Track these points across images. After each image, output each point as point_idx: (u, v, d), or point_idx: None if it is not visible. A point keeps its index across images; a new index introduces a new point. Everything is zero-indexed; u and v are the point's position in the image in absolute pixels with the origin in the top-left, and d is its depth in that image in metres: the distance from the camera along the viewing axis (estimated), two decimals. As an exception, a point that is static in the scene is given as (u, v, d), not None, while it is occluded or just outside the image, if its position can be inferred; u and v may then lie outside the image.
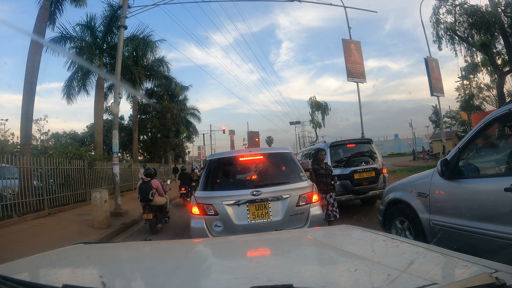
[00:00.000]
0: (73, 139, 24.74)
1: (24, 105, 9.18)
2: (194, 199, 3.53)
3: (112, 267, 1.26)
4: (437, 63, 16.28)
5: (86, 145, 21.85)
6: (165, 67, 21.79)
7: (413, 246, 1.15)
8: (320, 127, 35.92)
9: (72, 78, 16.28)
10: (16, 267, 1.18)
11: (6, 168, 7.69)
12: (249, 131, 48.36)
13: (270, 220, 3.33)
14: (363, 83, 14.21)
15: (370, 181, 6.44)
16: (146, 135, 26.23)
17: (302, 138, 50.18)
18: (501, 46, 16.52)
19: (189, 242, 2.17)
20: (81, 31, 15.06)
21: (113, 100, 10.23)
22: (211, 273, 1.11)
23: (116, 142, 8.84)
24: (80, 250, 1.48)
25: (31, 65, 9.34)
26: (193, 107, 30.50)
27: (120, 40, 9.57)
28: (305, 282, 0.87)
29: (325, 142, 7.16)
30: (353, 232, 1.55)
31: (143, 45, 17.32)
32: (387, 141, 54.39)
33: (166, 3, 10.14)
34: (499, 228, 2.30)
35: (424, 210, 3.09)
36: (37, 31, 9.74)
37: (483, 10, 16.18)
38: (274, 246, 1.52)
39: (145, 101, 23.37)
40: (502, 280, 0.73)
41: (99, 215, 6.71)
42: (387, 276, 0.86)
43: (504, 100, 14.67)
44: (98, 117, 15.36)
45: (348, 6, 13.88)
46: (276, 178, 3.76)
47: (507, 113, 2.42)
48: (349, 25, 13.98)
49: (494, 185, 2.35)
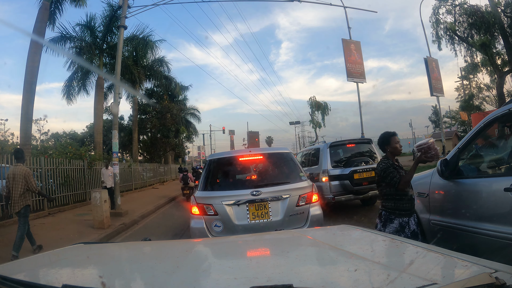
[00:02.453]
0: (73, 139, 24.72)
1: (24, 105, 9.19)
2: (194, 199, 3.53)
3: (112, 267, 1.26)
4: (437, 63, 16.32)
5: (86, 145, 21.86)
6: (165, 67, 21.85)
7: (413, 246, 1.15)
8: (320, 127, 35.98)
9: (72, 78, 16.31)
10: (16, 267, 1.18)
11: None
12: (249, 131, 48.38)
13: (270, 220, 3.33)
14: (363, 83, 14.27)
15: (370, 181, 6.43)
16: (146, 135, 26.24)
17: (302, 138, 50.22)
18: (501, 46, 16.56)
19: (189, 242, 2.17)
20: (81, 31, 15.11)
21: (113, 100, 10.24)
22: (211, 273, 1.11)
23: (116, 142, 8.84)
24: (80, 250, 1.48)
25: (31, 65, 9.35)
26: (193, 107, 30.57)
27: (120, 40, 9.57)
28: (305, 282, 0.87)
29: (325, 142, 7.16)
30: (353, 232, 1.55)
31: (143, 45, 17.34)
32: (387, 141, 54.22)
33: (166, 3, 10.15)
34: (499, 228, 2.30)
35: (423, 210, 3.09)
36: (37, 31, 9.75)
37: (483, 10, 16.22)
38: (274, 246, 1.52)
39: (145, 101, 23.39)
40: (502, 280, 0.73)
41: (98, 215, 6.71)
42: (387, 276, 0.86)
43: (504, 100, 14.68)
44: (98, 117, 15.37)
45: (348, 6, 13.93)
46: (276, 178, 3.76)
47: (507, 113, 2.42)
48: (349, 25, 14.04)
49: (494, 185, 2.36)
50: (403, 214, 2.61)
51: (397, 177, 2.58)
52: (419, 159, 2.57)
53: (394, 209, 2.61)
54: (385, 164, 2.68)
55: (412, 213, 2.68)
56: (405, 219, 2.61)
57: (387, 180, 2.61)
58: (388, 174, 2.62)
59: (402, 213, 2.60)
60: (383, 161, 2.73)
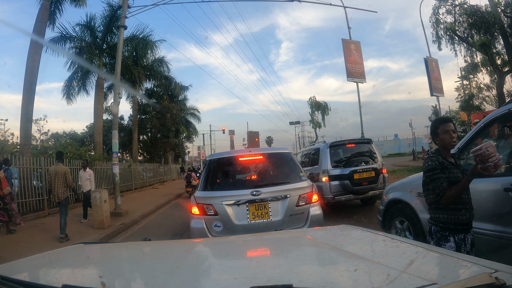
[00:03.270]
0: (72, 139, 24.68)
1: (24, 105, 9.18)
2: (194, 199, 3.53)
3: (112, 267, 1.25)
4: (437, 63, 16.31)
5: (85, 145, 21.82)
6: (165, 67, 21.85)
7: (413, 246, 1.14)
8: (320, 127, 35.91)
9: (72, 78, 16.31)
10: (16, 267, 1.18)
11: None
12: (249, 131, 48.40)
13: (270, 220, 3.33)
14: (363, 83, 14.26)
15: (370, 181, 6.43)
16: (146, 135, 26.24)
17: (302, 138, 50.26)
18: (501, 46, 16.54)
19: (189, 242, 2.17)
20: (81, 31, 15.10)
21: (112, 100, 10.23)
22: (210, 273, 1.11)
23: (116, 142, 8.84)
24: (79, 250, 1.47)
25: (31, 65, 9.35)
26: (193, 107, 30.58)
27: (120, 40, 9.57)
28: (305, 282, 0.87)
29: (325, 142, 7.16)
30: (352, 232, 1.55)
31: (143, 45, 17.34)
32: (387, 141, 54.37)
33: (166, 3, 10.15)
34: (499, 228, 2.30)
35: (424, 210, 3.09)
36: (37, 31, 9.74)
37: (483, 10, 16.22)
38: (274, 246, 1.52)
39: (145, 101, 23.40)
40: (502, 280, 0.73)
41: (98, 215, 6.71)
42: (387, 276, 0.85)
43: (503, 100, 14.68)
44: (97, 117, 15.36)
45: (348, 6, 13.92)
46: (276, 178, 3.76)
47: (507, 113, 2.42)
48: (349, 25, 14.03)
49: (494, 185, 2.36)
50: (459, 229, 1.97)
51: (443, 186, 1.93)
52: (474, 171, 1.83)
53: (448, 223, 1.97)
54: (432, 164, 2.01)
55: (470, 228, 2.02)
56: (461, 236, 1.97)
57: (430, 187, 2.00)
58: (432, 180, 1.98)
59: (458, 228, 1.97)
60: (431, 158, 2.04)
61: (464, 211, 1.96)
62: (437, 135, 2.07)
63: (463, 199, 1.96)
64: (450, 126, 2.02)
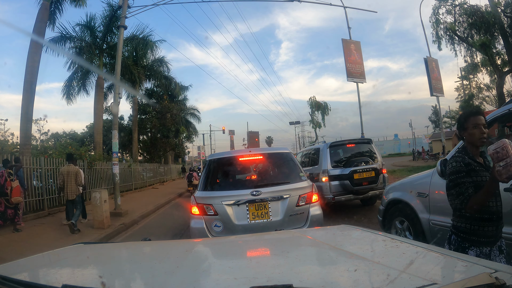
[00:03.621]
0: (72, 139, 24.70)
1: (24, 105, 9.18)
2: (194, 199, 3.53)
3: (112, 267, 1.25)
4: (436, 63, 16.29)
5: (85, 145, 21.80)
6: (165, 67, 21.84)
7: (413, 246, 1.14)
8: (320, 127, 35.85)
9: (71, 78, 16.31)
10: (16, 267, 1.18)
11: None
12: (249, 131, 48.39)
13: (270, 220, 3.33)
14: (363, 83, 14.25)
15: (370, 181, 6.43)
16: (145, 135, 26.23)
17: (302, 138, 50.26)
18: (501, 46, 16.54)
19: (189, 242, 2.17)
20: (81, 31, 15.10)
21: (112, 100, 10.23)
22: (210, 273, 1.11)
23: (116, 142, 8.83)
24: (79, 250, 1.47)
25: (31, 65, 9.35)
26: (192, 107, 30.59)
27: (120, 40, 9.57)
28: (305, 282, 0.87)
29: (325, 142, 7.16)
30: (352, 232, 1.55)
31: (143, 45, 17.32)
32: (387, 141, 54.37)
33: (166, 3, 10.14)
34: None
35: (423, 210, 3.09)
36: (37, 31, 9.74)
37: (482, 10, 16.22)
38: (273, 246, 1.52)
39: (145, 101, 23.38)
40: (502, 280, 0.73)
41: (98, 215, 6.71)
42: (387, 276, 0.85)
43: (504, 100, 14.67)
44: (97, 117, 15.36)
45: (348, 6, 13.91)
46: (276, 178, 3.77)
47: (507, 113, 2.42)
48: (349, 25, 14.01)
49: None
50: (482, 242, 1.67)
51: (468, 192, 1.63)
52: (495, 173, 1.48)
53: (470, 234, 1.69)
54: (456, 166, 1.71)
55: (497, 240, 1.70)
56: (485, 250, 1.66)
57: (454, 191, 1.71)
58: (457, 185, 1.69)
59: (482, 240, 1.67)
60: (456, 159, 1.74)
61: (490, 222, 1.66)
62: (466, 129, 1.77)
63: (490, 207, 1.64)
64: (481, 120, 1.73)
